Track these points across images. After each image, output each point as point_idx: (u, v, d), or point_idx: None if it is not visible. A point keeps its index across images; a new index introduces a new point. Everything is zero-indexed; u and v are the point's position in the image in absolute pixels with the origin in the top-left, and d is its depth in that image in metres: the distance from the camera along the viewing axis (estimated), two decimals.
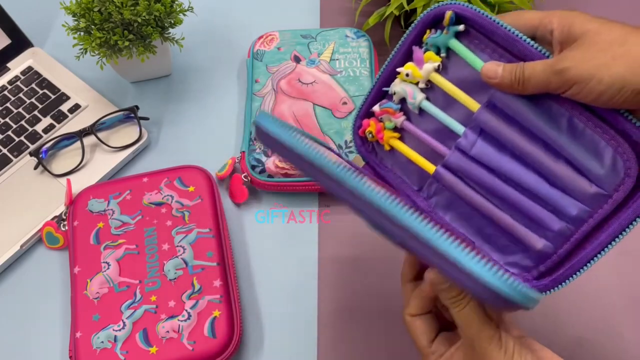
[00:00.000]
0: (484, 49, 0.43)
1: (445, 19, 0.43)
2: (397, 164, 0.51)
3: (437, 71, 0.45)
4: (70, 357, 0.56)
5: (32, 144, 0.70)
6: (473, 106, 0.44)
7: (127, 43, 0.64)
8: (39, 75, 0.74)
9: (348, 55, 0.72)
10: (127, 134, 0.71)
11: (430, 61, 0.45)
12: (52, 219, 0.65)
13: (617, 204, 0.41)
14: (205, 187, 0.64)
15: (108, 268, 0.60)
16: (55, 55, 0.77)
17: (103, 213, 0.63)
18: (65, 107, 0.72)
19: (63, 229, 0.64)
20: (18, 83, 0.74)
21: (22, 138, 0.70)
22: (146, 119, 0.72)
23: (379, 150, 0.52)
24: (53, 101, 0.73)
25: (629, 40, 0.37)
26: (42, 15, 0.81)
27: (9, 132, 0.70)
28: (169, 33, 0.68)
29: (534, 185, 0.43)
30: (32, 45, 0.77)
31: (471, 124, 0.44)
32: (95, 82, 0.75)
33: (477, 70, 0.43)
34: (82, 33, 0.66)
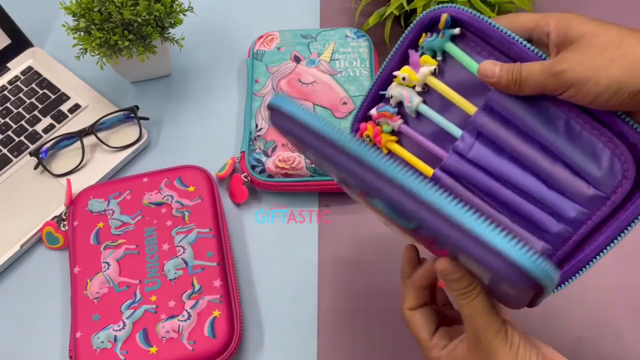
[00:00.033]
0: (480, 52, 0.43)
1: (441, 22, 0.43)
2: None
3: (433, 75, 0.45)
4: (70, 357, 0.56)
5: (32, 144, 0.70)
6: (470, 109, 0.44)
7: (127, 43, 0.64)
8: (39, 75, 0.74)
9: (348, 55, 0.72)
10: (127, 134, 0.71)
11: (427, 65, 0.45)
12: (52, 219, 0.65)
13: (615, 206, 0.41)
14: (205, 187, 0.64)
15: (108, 268, 0.60)
16: (55, 55, 0.77)
17: (103, 213, 0.63)
18: (65, 107, 0.72)
19: (63, 229, 0.64)
20: (18, 83, 0.74)
21: (22, 138, 0.70)
22: (146, 119, 0.72)
23: None
24: (53, 101, 0.73)
25: (625, 42, 0.37)
26: (42, 15, 0.81)
27: (9, 132, 0.70)
28: (169, 33, 0.68)
29: (532, 187, 0.43)
30: (32, 45, 0.77)
31: (468, 127, 0.44)
32: (95, 82, 0.75)
33: (474, 74, 0.43)
34: (82, 33, 0.66)
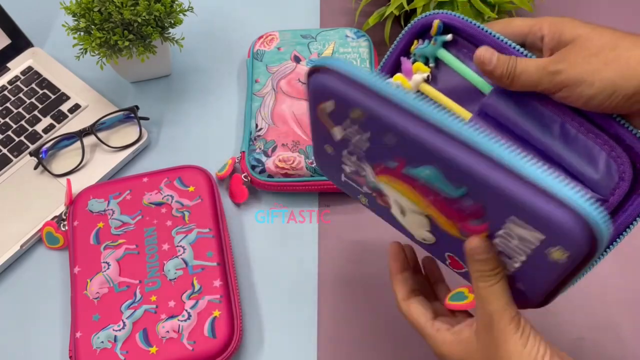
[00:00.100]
0: (473, 57, 0.43)
1: (433, 29, 0.43)
2: None
3: (426, 82, 0.45)
4: (70, 357, 0.56)
5: (32, 144, 0.70)
6: (465, 115, 0.44)
7: (127, 43, 0.64)
8: (39, 75, 0.74)
9: (348, 55, 0.72)
10: (127, 134, 0.71)
11: (419, 72, 0.45)
12: (52, 219, 0.65)
13: (613, 208, 0.41)
14: (205, 187, 0.64)
15: (108, 268, 0.60)
16: (55, 55, 0.77)
17: (103, 213, 0.63)
18: (65, 107, 0.72)
19: (63, 229, 0.64)
20: (18, 83, 0.74)
21: (22, 138, 0.70)
22: (146, 119, 0.72)
23: None
24: (53, 101, 0.73)
25: (620, 45, 0.37)
26: (42, 15, 0.81)
27: (9, 132, 0.70)
28: (169, 33, 0.68)
29: None
30: (32, 45, 0.77)
31: None
32: (95, 82, 0.75)
33: (467, 80, 0.43)
34: (82, 33, 0.66)
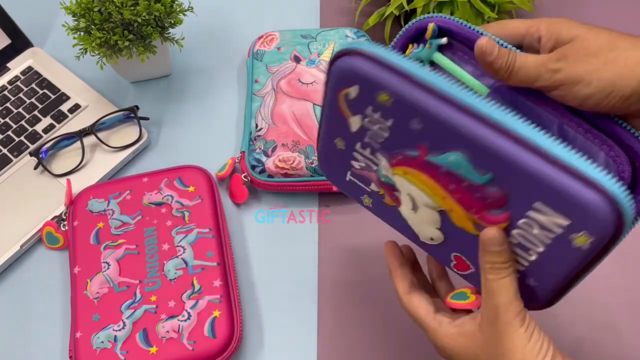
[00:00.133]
0: (468, 60, 0.43)
1: (428, 32, 0.43)
2: None
3: None
4: (70, 357, 0.56)
5: (32, 144, 0.70)
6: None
7: (127, 43, 0.64)
8: (39, 75, 0.74)
9: None
10: (127, 134, 0.71)
11: None
12: (52, 219, 0.65)
13: None
14: (205, 187, 0.64)
15: (108, 268, 0.60)
16: (55, 55, 0.77)
17: (103, 213, 0.63)
18: (65, 107, 0.72)
19: (63, 229, 0.64)
20: (18, 83, 0.74)
21: (22, 138, 0.70)
22: (146, 119, 0.72)
23: None
24: (53, 101, 0.73)
25: (618, 45, 0.37)
26: (42, 15, 0.81)
27: (9, 132, 0.70)
28: (169, 33, 0.68)
29: None
30: (32, 45, 0.77)
31: None
32: (95, 82, 0.75)
33: (463, 83, 0.43)
34: (82, 33, 0.66)
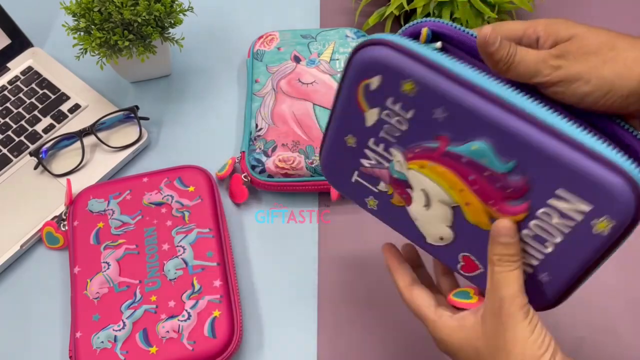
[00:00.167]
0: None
1: (422, 37, 0.42)
2: None
3: None
4: (70, 357, 0.56)
5: (32, 144, 0.70)
6: None
7: (127, 43, 0.64)
8: (39, 75, 0.74)
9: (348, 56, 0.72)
10: (127, 134, 0.71)
11: None
12: (52, 219, 0.65)
13: None
14: (205, 187, 0.64)
15: (108, 268, 0.60)
16: (55, 55, 0.77)
17: (103, 213, 0.63)
18: (65, 107, 0.72)
19: (63, 229, 0.64)
20: (18, 83, 0.74)
21: (22, 138, 0.70)
22: (146, 119, 0.72)
23: None
24: (53, 101, 0.73)
25: (618, 45, 0.37)
26: (42, 15, 0.81)
27: (9, 132, 0.70)
28: (169, 33, 0.68)
29: None
30: (32, 45, 0.77)
31: None
32: (95, 82, 0.75)
33: None
34: (82, 33, 0.66)
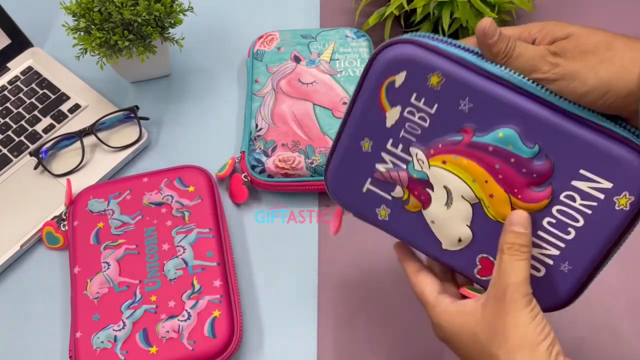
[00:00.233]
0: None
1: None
2: None
3: None
4: (70, 357, 0.56)
5: (32, 144, 0.70)
6: None
7: (127, 43, 0.64)
8: (39, 75, 0.74)
9: (348, 55, 0.72)
10: (127, 134, 0.71)
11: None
12: (52, 219, 0.65)
13: None
14: (205, 187, 0.64)
15: (108, 268, 0.60)
16: (55, 55, 0.77)
17: (103, 213, 0.63)
18: (65, 107, 0.72)
19: (63, 229, 0.64)
20: (18, 83, 0.74)
21: (22, 138, 0.70)
22: (146, 119, 0.72)
23: None
24: (53, 101, 0.73)
25: (615, 45, 0.37)
26: (42, 15, 0.81)
27: (9, 132, 0.70)
28: (169, 33, 0.68)
29: None
30: (32, 45, 0.77)
31: None
32: (95, 82, 0.75)
33: None
34: (82, 33, 0.66)
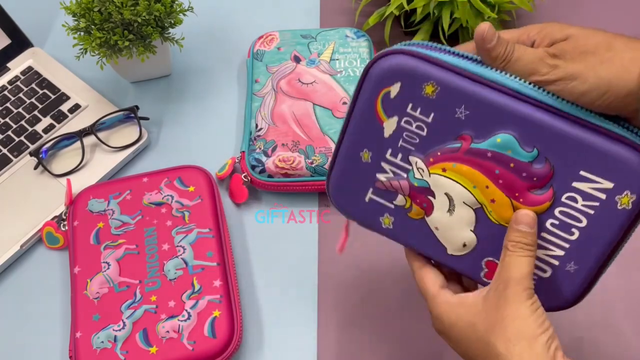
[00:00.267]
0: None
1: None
2: None
3: None
4: (70, 357, 0.56)
5: (32, 144, 0.70)
6: None
7: (127, 43, 0.64)
8: (39, 75, 0.74)
9: (348, 55, 0.72)
10: (127, 134, 0.71)
11: None
12: (52, 219, 0.65)
13: None
14: (205, 187, 0.64)
15: (108, 268, 0.60)
16: (55, 55, 0.77)
17: (103, 213, 0.63)
18: (65, 107, 0.72)
19: (63, 229, 0.64)
20: (18, 83, 0.74)
21: (22, 138, 0.70)
22: (146, 119, 0.72)
23: None
24: (53, 101, 0.73)
25: (614, 45, 0.37)
26: (42, 15, 0.81)
27: (9, 132, 0.70)
28: (169, 33, 0.68)
29: None
30: (32, 45, 0.77)
31: None
32: (95, 82, 0.75)
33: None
34: (82, 33, 0.66)
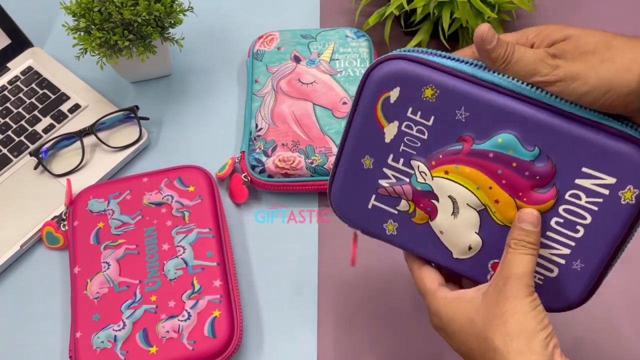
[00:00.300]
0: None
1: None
2: None
3: None
4: (70, 357, 0.56)
5: (32, 144, 0.70)
6: None
7: (127, 43, 0.64)
8: (39, 75, 0.74)
9: (348, 55, 0.72)
10: (127, 134, 0.71)
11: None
12: (52, 219, 0.65)
13: None
14: (205, 187, 0.64)
15: (108, 268, 0.60)
16: (55, 55, 0.77)
17: (103, 213, 0.63)
18: (65, 107, 0.72)
19: (63, 229, 0.64)
20: (18, 83, 0.74)
21: (22, 138, 0.70)
22: (146, 119, 0.72)
23: None
24: (53, 101, 0.73)
25: (614, 44, 0.37)
26: (42, 15, 0.81)
27: (9, 132, 0.70)
28: (169, 33, 0.68)
29: None
30: (32, 45, 0.77)
31: None
32: (95, 82, 0.75)
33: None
34: (82, 33, 0.66)
